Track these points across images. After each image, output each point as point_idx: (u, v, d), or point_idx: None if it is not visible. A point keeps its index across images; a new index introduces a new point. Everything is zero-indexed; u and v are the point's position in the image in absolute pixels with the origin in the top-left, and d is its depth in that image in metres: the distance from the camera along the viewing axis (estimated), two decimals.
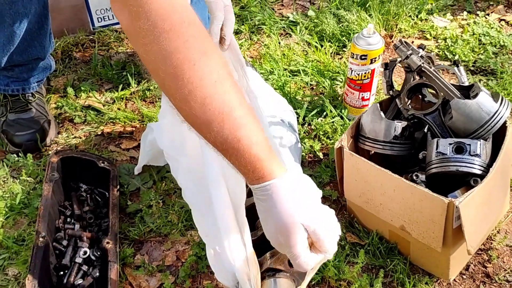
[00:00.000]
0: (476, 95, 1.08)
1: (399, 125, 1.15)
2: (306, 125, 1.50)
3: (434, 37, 1.84)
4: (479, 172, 1.04)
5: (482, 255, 1.20)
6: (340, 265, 1.15)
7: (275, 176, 0.78)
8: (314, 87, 1.64)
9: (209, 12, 1.15)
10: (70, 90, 1.61)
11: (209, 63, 0.79)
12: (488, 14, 1.93)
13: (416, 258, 1.16)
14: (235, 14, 1.30)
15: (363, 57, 1.40)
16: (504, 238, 1.21)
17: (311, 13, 1.93)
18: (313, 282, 1.14)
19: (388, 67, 1.25)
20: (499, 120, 1.06)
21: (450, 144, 1.07)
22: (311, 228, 0.79)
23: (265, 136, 0.81)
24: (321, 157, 1.42)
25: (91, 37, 1.83)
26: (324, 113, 1.51)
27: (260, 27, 1.88)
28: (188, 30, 0.79)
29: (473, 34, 1.82)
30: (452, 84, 1.14)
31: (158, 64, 0.78)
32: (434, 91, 1.19)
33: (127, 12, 0.79)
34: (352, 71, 1.44)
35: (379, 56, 1.40)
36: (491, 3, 1.99)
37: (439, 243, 1.05)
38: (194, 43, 0.79)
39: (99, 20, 1.85)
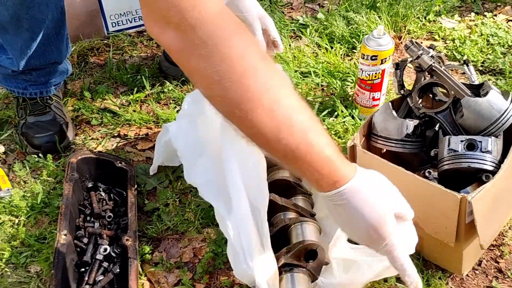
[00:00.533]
0: (487, 93, 1.10)
1: (411, 124, 1.18)
2: None
3: (442, 38, 1.87)
4: (490, 168, 1.06)
5: (494, 250, 1.22)
6: None
7: (350, 177, 0.77)
8: (325, 88, 1.67)
9: (248, 25, 1.18)
10: (86, 93, 1.65)
11: (269, 68, 0.77)
12: (495, 15, 1.95)
13: (429, 253, 1.18)
14: None
15: (373, 58, 1.42)
16: None
17: (320, 15, 1.96)
18: None
19: (399, 67, 1.28)
20: (509, 118, 1.08)
21: (462, 141, 1.09)
22: (402, 213, 0.81)
23: (330, 137, 0.80)
24: None
25: (105, 41, 1.88)
26: (335, 113, 1.54)
27: None
28: (244, 36, 0.78)
29: (481, 34, 1.84)
30: (462, 83, 1.17)
31: (221, 74, 0.75)
32: (444, 90, 1.21)
33: (172, 30, 0.76)
34: (362, 71, 1.47)
35: (389, 56, 1.43)
36: (499, 4, 2.02)
37: (452, 239, 1.07)
38: (254, 49, 0.78)
39: (113, 25, 1.89)
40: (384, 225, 0.78)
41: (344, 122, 1.51)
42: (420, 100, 1.24)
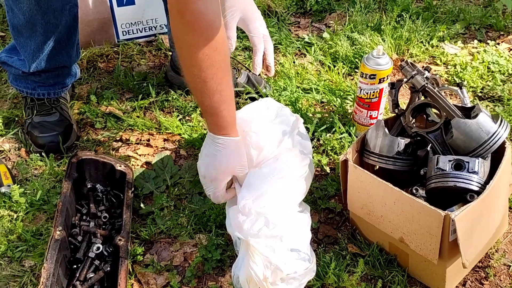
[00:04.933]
0: (477, 115, 1.13)
1: (402, 142, 1.21)
2: (315, 140, 1.56)
3: (444, 63, 1.90)
4: (476, 188, 1.08)
5: (479, 272, 1.23)
6: (340, 274, 1.19)
7: (217, 135, 1.13)
8: (325, 105, 1.70)
9: (252, 45, 1.34)
10: (93, 97, 1.69)
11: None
12: (498, 44, 1.98)
13: (414, 270, 1.20)
14: None
15: (372, 77, 1.46)
16: (502, 257, 1.25)
17: (326, 35, 2.00)
18: None
19: (395, 86, 1.31)
20: (497, 140, 1.11)
21: (450, 161, 1.11)
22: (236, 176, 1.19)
23: (233, 115, 1.15)
24: (328, 171, 1.47)
25: (115, 49, 1.93)
26: (333, 129, 1.57)
27: (277, 47, 1.96)
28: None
29: (483, 61, 1.87)
30: (454, 105, 1.20)
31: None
32: (437, 111, 1.24)
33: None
34: (361, 90, 1.50)
35: (387, 76, 1.47)
36: (502, 33, 2.05)
37: (435, 255, 1.09)
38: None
39: (124, 33, 1.95)
40: (215, 178, 1.17)
41: (341, 138, 1.54)
42: (414, 120, 1.27)
